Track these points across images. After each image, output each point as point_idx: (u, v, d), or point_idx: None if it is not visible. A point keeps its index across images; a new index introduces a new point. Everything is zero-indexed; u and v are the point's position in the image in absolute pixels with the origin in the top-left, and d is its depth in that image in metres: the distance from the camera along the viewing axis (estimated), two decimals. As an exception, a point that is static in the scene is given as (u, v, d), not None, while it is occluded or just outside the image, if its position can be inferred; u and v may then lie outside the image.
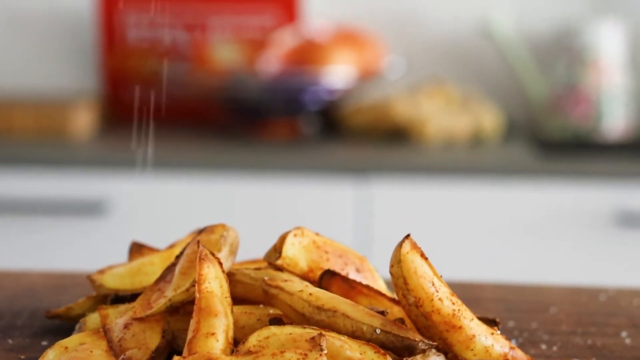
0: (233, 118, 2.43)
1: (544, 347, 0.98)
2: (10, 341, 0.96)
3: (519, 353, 0.90)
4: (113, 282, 0.97)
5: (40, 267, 2.07)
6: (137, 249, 1.02)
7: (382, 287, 0.96)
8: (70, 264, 2.12)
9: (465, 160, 2.22)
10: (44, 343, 0.96)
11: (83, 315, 0.98)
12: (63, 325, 1.00)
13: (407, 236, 0.88)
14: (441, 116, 2.35)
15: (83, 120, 2.37)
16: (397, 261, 0.87)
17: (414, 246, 0.88)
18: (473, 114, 2.38)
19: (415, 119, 2.35)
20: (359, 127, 2.42)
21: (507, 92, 2.55)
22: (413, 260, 0.87)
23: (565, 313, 1.08)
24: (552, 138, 2.42)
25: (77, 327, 0.95)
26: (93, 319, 0.94)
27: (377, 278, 0.97)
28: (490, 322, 0.91)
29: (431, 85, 2.48)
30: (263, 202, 2.15)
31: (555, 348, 0.98)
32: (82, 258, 2.15)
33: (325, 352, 0.81)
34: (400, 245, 0.87)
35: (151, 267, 0.97)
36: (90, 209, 2.14)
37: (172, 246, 0.99)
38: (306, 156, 2.23)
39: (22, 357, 0.93)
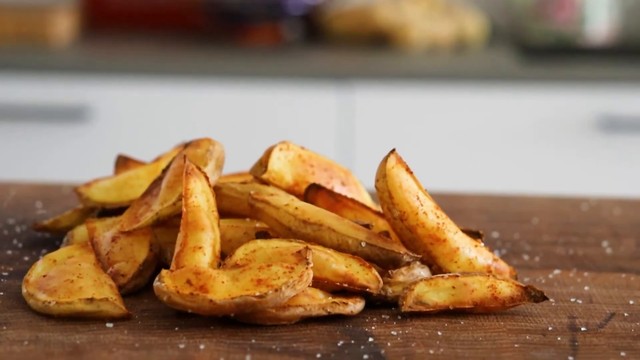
0: (214, 23, 2.41)
1: (526, 257, 0.99)
2: (-2, 254, 0.97)
3: (501, 264, 0.91)
4: (99, 195, 0.97)
5: (22, 174, 2.07)
6: (122, 162, 1.02)
7: (367, 200, 0.97)
8: (53, 171, 2.12)
9: (448, 66, 2.22)
10: (32, 255, 0.97)
11: (70, 227, 0.98)
12: (50, 238, 1.01)
13: (393, 151, 0.88)
14: (424, 21, 2.34)
15: (63, 26, 2.35)
16: (382, 176, 0.87)
17: (399, 161, 0.88)
18: (456, 19, 2.37)
19: (398, 24, 2.34)
20: (342, 32, 2.41)
21: (491, -4, 2.53)
22: (398, 175, 0.87)
23: (547, 223, 1.10)
24: (536, 43, 2.41)
25: (64, 240, 0.95)
26: (81, 232, 0.94)
27: (362, 191, 0.97)
28: (474, 235, 0.93)
29: (414, -10, 2.46)
30: (245, 107, 2.14)
31: (537, 258, 0.99)
32: (65, 165, 2.15)
33: (311, 265, 0.82)
34: (385, 160, 0.88)
35: (137, 180, 0.97)
36: (72, 115, 2.13)
37: (157, 159, 0.99)
38: (288, 62, 2.22)
39: (11, 269, 0.93)
